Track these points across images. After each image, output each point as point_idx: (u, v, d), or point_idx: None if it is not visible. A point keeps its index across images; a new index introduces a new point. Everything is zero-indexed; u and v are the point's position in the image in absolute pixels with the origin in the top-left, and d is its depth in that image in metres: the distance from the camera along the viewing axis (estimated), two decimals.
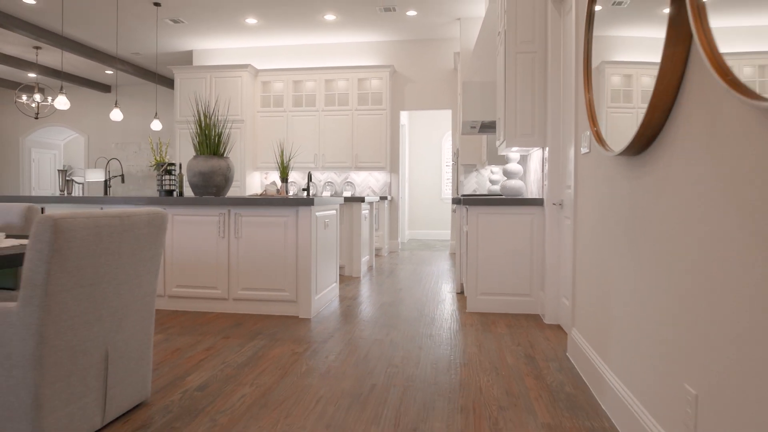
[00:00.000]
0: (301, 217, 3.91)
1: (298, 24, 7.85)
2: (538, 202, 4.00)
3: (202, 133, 4.22)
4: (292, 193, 8.30)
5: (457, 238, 5.44)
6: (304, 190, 7.58)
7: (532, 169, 4.60)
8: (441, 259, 7.57)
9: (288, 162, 5.86)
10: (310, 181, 6.87)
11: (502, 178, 6.82)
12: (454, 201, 5.09)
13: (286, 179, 5.79)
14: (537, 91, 3.97)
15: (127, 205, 4.15)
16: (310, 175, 6.13)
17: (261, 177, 9.00)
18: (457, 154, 7.62)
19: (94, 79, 11.10)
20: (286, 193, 5.90)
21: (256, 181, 8.93)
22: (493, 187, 7.02)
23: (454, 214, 7.93)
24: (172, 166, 4.69)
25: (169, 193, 4.70)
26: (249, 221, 3.99)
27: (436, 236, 11.33)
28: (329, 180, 8.74)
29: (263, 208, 3.97)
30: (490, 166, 7.21)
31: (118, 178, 11.51)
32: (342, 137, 8.42)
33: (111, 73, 10.42)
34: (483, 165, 7.32)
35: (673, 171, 1.58)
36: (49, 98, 9.13)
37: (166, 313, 4.00)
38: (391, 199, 8.59)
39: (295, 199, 3.87)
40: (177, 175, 4.72)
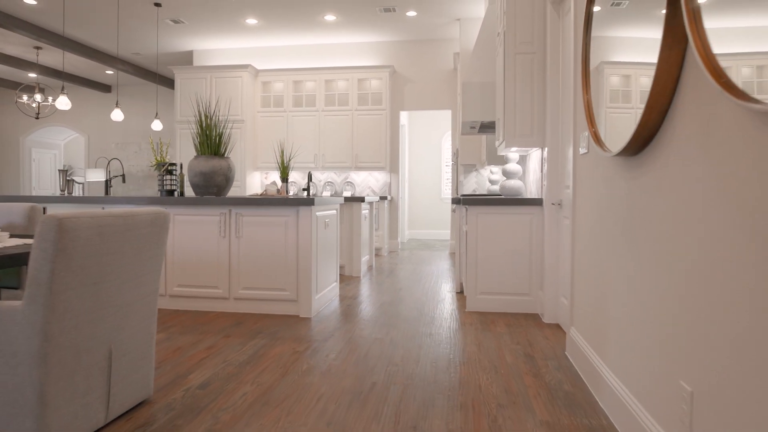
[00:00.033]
0: (302, 216, 3.93)
1: (298, 24, 7.87)
2: (537, 202, 4.02)
3: (203, 134, 4.24)
4: (292, 193, 8.32)
5: (456, 237, 5.46)
6: (305, 190, 7.59)
7: (531, 169, 4.62)
8: (441, 259, 7.59)
9: (288, 162, 5.88)
10: (311, 181, 6.89)
11: (502, 178, 6.83)
12: (454, 201, 5.10)
13: (287, 179, 5.81)
14: (536, 92, 3.99)
15: (129, 205, 4.17)
16: (310, 175, 6.15)
17: (261, 177, 9.02)
18: (456, 154, 7.63)
19: (95, 79, 11.12)
20: (287, 193, 5.92)
21: (257, 181, 8.95)
22: (493, 187, 7.04)
23: (454, 213, 7.94)
24: (174, 166, 4.70)
25: (171, 193, 4.71)
26: (250, 221, 4.01)
27: (436, 236, 11.35)
28: (329, 180, 8.76)
29: (264, 207, 3.99)
30: (490, 166, 7.23)
31: (119, 178, 11.53)
32: (342, 137, 8.44)
33: (111, 73, 10.44)
34: (482, 165, 7.34)
35: (670, 171, 1.60)
36: (50, 98, 9.15)
37: (168, 313, 4.02)
38: (391, 199, 8.61)
39: (296, 199, 3.89)
40: (178, 175, 4.74)
